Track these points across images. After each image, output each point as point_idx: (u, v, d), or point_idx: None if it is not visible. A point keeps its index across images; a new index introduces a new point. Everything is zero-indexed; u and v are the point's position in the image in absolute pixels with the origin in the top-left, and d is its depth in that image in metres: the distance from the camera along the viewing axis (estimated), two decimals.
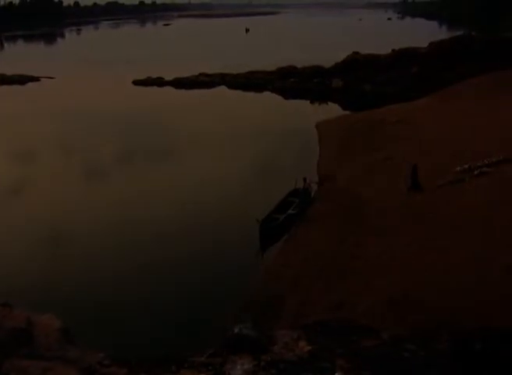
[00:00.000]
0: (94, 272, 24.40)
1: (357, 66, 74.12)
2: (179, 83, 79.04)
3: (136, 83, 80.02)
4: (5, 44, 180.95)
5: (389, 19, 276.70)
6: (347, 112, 56.93)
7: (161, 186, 35.92)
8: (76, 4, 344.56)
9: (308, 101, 66.97)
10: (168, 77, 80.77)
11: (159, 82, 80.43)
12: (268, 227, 27.74)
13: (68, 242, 27.47)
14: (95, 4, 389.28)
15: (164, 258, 25.46)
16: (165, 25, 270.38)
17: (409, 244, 22.34)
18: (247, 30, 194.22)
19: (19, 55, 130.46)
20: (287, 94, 70.72)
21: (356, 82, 70.95)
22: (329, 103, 66.04)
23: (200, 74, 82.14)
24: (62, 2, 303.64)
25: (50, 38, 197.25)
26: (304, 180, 32.26)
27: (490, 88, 49.64)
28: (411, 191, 28.29)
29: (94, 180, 38.08)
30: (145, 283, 23.48)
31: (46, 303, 19.11)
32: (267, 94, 72.48)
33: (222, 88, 77.48)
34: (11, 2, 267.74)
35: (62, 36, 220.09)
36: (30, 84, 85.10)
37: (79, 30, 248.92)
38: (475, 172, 28.29)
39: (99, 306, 21.34)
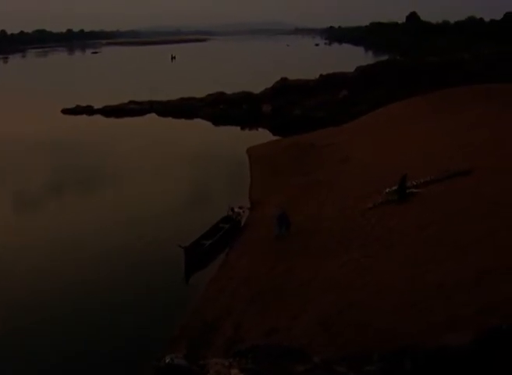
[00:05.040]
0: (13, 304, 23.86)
1: (286, 91, 75.20)
2: (109, 112, 77.99)
3: (65, 111, 78.61)
4: None
5: (316, 45, 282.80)
6: (277, 137, 57.35)
7: (91, 215, 35.42)
8: (3, 32, 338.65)
9: (239, 128, 67.19)
10: (98, 105, 79.70)
11: (89, 110, 79.33)
12: (193, 253, 27.66)
13: None
14: (22, 32, 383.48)
15: (88, 288, 25.14)
16: (93, 53, 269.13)
17: (343, 265, 22.50)
18: (173, 58, 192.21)
19: None
20: (217, 120, 70.83)
21: (285, 107, 71.80)
22: (259, 129, 66.47)
23: (130, 102, 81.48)
24: None
25: None
26: (232, 210, 32.34)
27: (418, 110, 50.91)
28: (399, 201, 28.28)
29: (18, 210, 37.33)
30: (73, 310, 23.07)
31: None
32: (198, 120, 72.34)
33: (153, 116, 76.99)
34: None
35: None
36: None
37: (5, 58, 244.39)
38: None
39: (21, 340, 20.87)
